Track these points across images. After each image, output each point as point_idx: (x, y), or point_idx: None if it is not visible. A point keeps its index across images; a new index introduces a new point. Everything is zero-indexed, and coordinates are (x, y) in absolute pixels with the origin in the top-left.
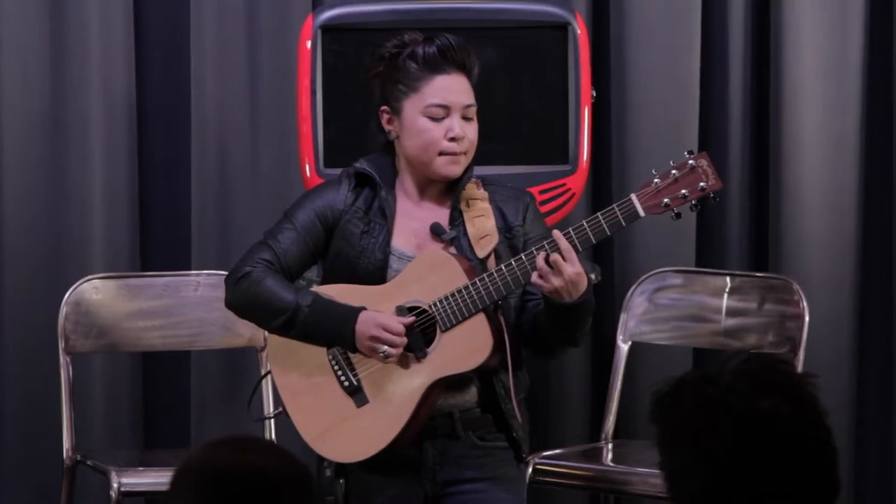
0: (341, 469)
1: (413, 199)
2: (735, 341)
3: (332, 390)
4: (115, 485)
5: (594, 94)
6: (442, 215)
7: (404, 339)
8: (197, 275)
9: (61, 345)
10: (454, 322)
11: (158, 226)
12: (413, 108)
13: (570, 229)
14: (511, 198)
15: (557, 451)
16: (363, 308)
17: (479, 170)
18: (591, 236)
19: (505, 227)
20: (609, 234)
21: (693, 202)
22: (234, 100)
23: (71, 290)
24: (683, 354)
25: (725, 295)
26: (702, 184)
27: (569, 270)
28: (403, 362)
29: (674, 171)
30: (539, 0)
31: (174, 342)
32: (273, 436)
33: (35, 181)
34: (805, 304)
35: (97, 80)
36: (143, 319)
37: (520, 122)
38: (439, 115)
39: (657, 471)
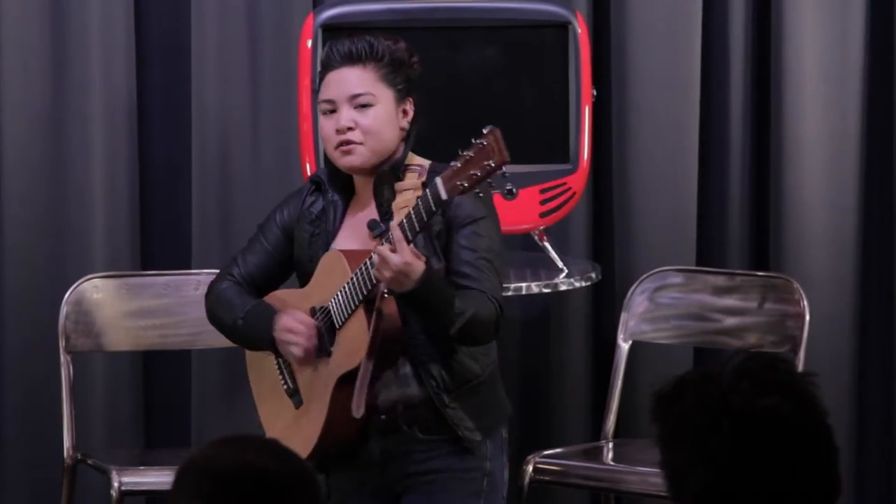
0: (321, 466)
1: (359, 198)
2: (736, 340)
3: (280, 394)
4: (115, 484)
5: (595, 93)
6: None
7: (301, 339)
8: (197, 274)
9: (62, 344)
10: (344, 318)
11: (159, 225)
12: (319, 107)
13: (403, 219)
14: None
15: (558, 450)
16: (276, 312)
17: None
18: (415, 223)
19: (453, 222)
20: (426, 219)
21: (489, 181)
22: (234, 99)
23: (71, 289)
24: (684, 353)
25: (726, 294)
26: (488, 161)
27: (395, 260)
28: (321, 362)
29: (467, 152)
30: (539, 0)
31: (175, 341)
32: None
33: (36, 180)
34: (806, 303)
35: (98, 80)
36: (143, 318)
37: (520, 122)
38: (327, 109)
39: (658, 470)
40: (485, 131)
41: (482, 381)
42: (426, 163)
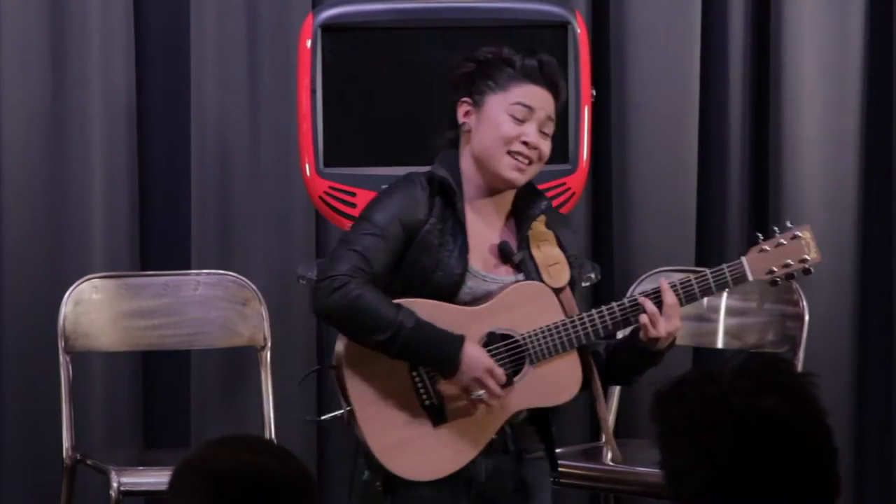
0: (389, 481)
1: (477, 212)
2: (735, 340)
3: (410, 405)
4: (114, 484)
5: (594, 93)
6: (504, 233)
7: (496, 388)
8: (197, 274)
9: (61, 344)
10: (545, 356)
11: (158, 225)
12: (497, 103)
13: (677, 282)
14: (562, 223)
15: (557, 450)
16: (463, 337)
17: None
18: (698, 293)
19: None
20: (714, 292)
21: (794, 272)
22: (234, 99)
23: (71, 289)
24: (683, 353)
25: (725, 294)
26: (806, 256)
27: (675, 323)
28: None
29: (782, 241)
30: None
31: (174, 342)
32: (273, 436)
33: (35, 180)
34: (805, 303)
35: (97, 80)
36: (142, 319)
37: None
38: (521, 114)
39: (657, 470)
40: (793, 225)
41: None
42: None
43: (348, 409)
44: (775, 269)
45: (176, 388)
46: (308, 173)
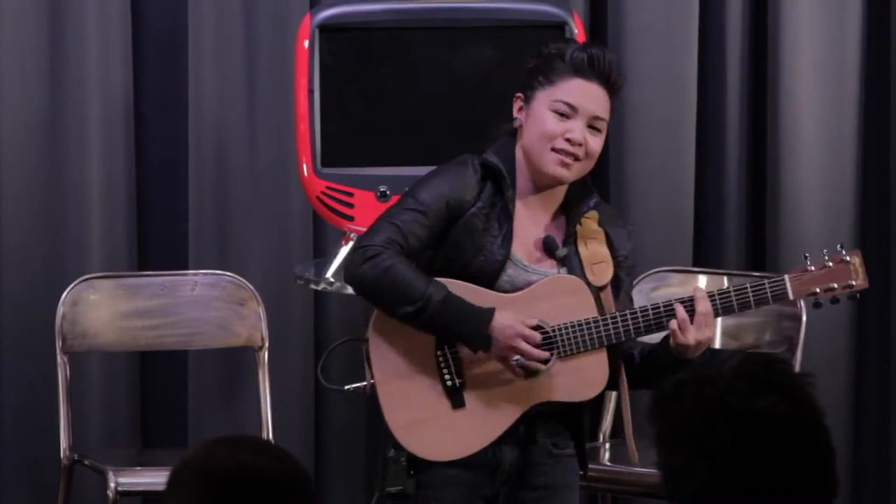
0: (415, 460)
1: (528, 204)
2: (733, 340)
3: (432, 385)
4: (112, 484)
5: None
6: (551, 228)
7: (544, 354)
8: (194, 274)
9: (58, 344)
10: (574, 351)
11: (156, 225)
12: (544, 98)
13: (716, 292)
14: (616, 223)
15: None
16: (493, 310)
17: None
18: (735, 305)
19: (612, 254)
20: (753, 308)
21: (838, 296)
22: (231, 99)
23: (68, 289)
24: None
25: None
26: (852, 281)
27: (707, 333)
28: (512, 376)
29: (829, 263)
30: (536, 0)
31: (171, 342)
32: (270, 436)
33: (32, 180)
34: (802, 303)
35: (95, 80)
36: (140, 319)
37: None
38: (565, 111)
39: (655, 470)
40: (845, 250)
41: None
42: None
43: (372, 382)
44: (818, 291)
45: (173, 388)
46: (305, 173)
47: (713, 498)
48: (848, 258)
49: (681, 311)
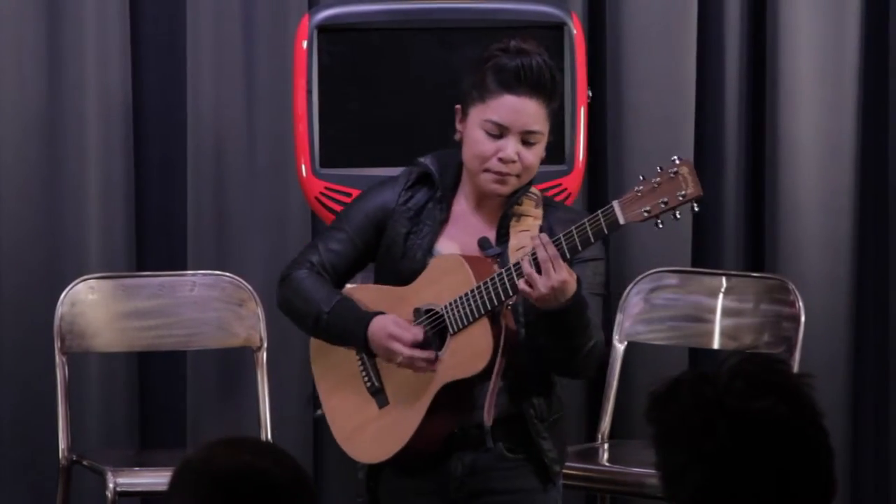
0: (374, 472)
1: (471, 206)
2: (731, 341)
3: (359, 391)
4: (110, 485)
5: (590, 94)
6: (493, 229)
7: (413, 352)
8: (193, 275)
9: (57, 345)
10: (461, 326)
11: (154, 226)
12: (476, 116)
13: (561, 235)
14: (564, 221)
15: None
16: (378, 313)
17: None
18: (578, 243)
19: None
20: (593, 241)
21: (674, 211)
22: (230, 99)
23: (67, 290)
24: (679, 354)
25: (721, 295)
26: (681, 192)
27: (554, 277)
28: None
29: (655, 179)
30: (535, 0)
31: (170, 342)
32: (269, 437)
33: (31, 181)
34: (801, 304)
35: (93, 80)
36: (138, 319)
37: None
38: (495, 132)
39: (653, 471)
40: (676, 160)
41: (562, 416)
42: (537, 190)
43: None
44: (650, 210)
45: (172, 388)
46: (304, 174)
47: (711, 498)
48: (675, 170)
49: (525, 266)
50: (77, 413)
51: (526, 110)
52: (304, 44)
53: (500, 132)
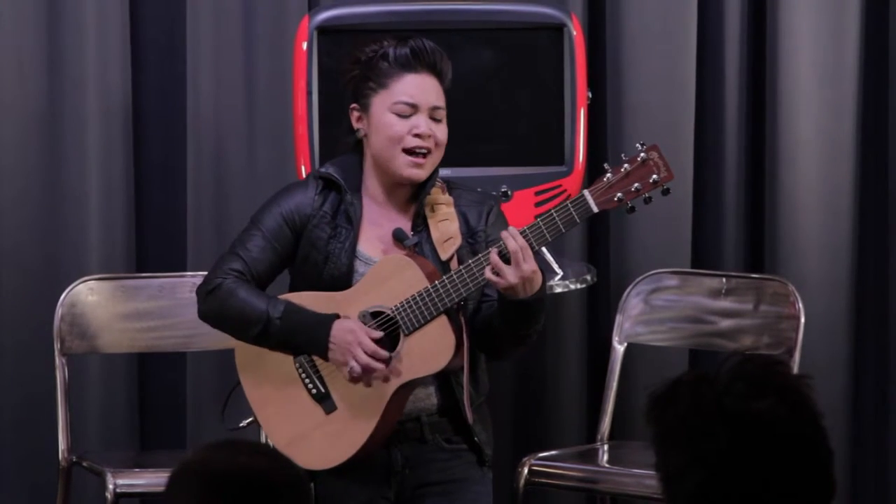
0: (310, 475)
1: (379, 203)
2: (731, 342)
3: (301, 398)
4: (110, 486)
5: (590, 95)
6: (406, 221)
7: (378, 365)
8: (193, 276)
9: (57, 346)
10: (417, 325)
11: (154, 227)
12: (381, 104)
13: (526, 227)
14: (475, 202)
15: (553, 452)
16: (336, 316)
17: (477, 170)
18: (546, 234)
19: (468, 232)
20: (564, 231)
21: (646, 195)
22: (230, 101)
23: (66, 291)
24: (679, 355)
25: (721, 296)
26: (654, 176)
27: (524, 268)
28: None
29: (625, 165)
30: (535, 1)
31: (170, 343)
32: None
33: (31, 182)
34: (801, 305)
35: (93, 81)
36: (138, 321)
37: (515, 124)
38: (406, 112)
39: (653, 472)
40: (642, 146)
41: (485, 400)
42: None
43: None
44: (622, 196)
45: (172, 390)
46: (304, 175)
47: (711, 499)
48: (645, 155)
49: (493, 256)
50: (77, 414)
51: (430, 88)
52: (304, 45)
53: (410, 112)
